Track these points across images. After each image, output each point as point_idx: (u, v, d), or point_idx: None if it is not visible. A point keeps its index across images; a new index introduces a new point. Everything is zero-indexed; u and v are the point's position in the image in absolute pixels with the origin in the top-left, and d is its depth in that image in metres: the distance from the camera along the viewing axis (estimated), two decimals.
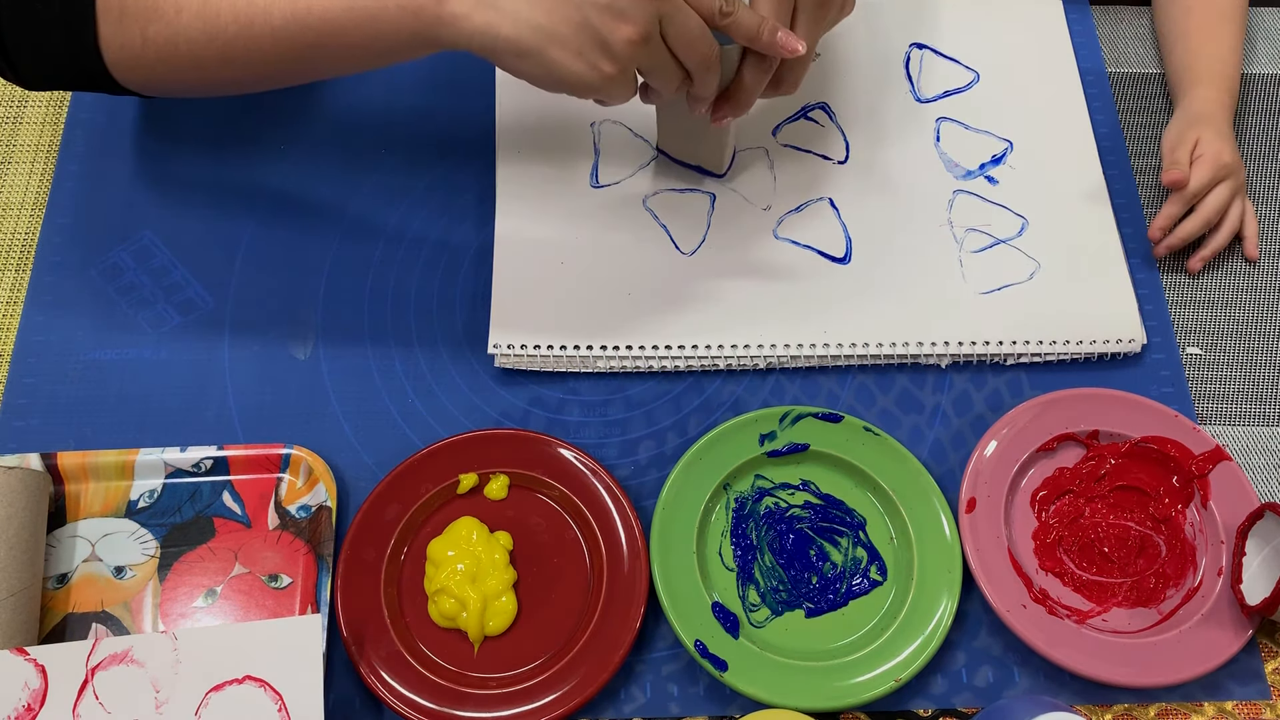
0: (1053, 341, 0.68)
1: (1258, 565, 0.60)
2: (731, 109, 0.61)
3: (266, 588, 0.60)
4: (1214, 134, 0.71)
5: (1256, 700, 0.60)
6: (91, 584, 0.60)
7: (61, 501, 0.62)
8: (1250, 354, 0.71)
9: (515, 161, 0.72)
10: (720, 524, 0.63)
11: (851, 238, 0.71)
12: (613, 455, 0.65)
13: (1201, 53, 0.75)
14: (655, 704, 0.59)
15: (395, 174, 0.73)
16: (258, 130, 0.74)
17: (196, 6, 0.56)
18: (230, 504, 0.62)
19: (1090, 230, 0.72)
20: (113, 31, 0.57)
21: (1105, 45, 0.82)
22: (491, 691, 0.57)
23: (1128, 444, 0.65)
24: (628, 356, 0.67)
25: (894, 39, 0.79)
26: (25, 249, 0.71)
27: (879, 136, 0.75)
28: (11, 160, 0.74)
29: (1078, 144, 0.75)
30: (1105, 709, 0.60)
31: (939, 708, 0.59)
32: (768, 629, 0.60)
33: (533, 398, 0.67)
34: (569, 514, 0.62)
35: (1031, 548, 0.62)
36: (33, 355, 0.67)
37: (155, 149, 0.74)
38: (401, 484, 0.62)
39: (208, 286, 0.69)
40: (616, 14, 0.52)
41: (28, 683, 0.52)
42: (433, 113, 0.76)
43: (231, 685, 0.53)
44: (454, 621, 0.59)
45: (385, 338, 0.68)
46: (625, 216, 0.71)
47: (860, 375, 0.68)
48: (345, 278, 0.70)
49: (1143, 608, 0.61)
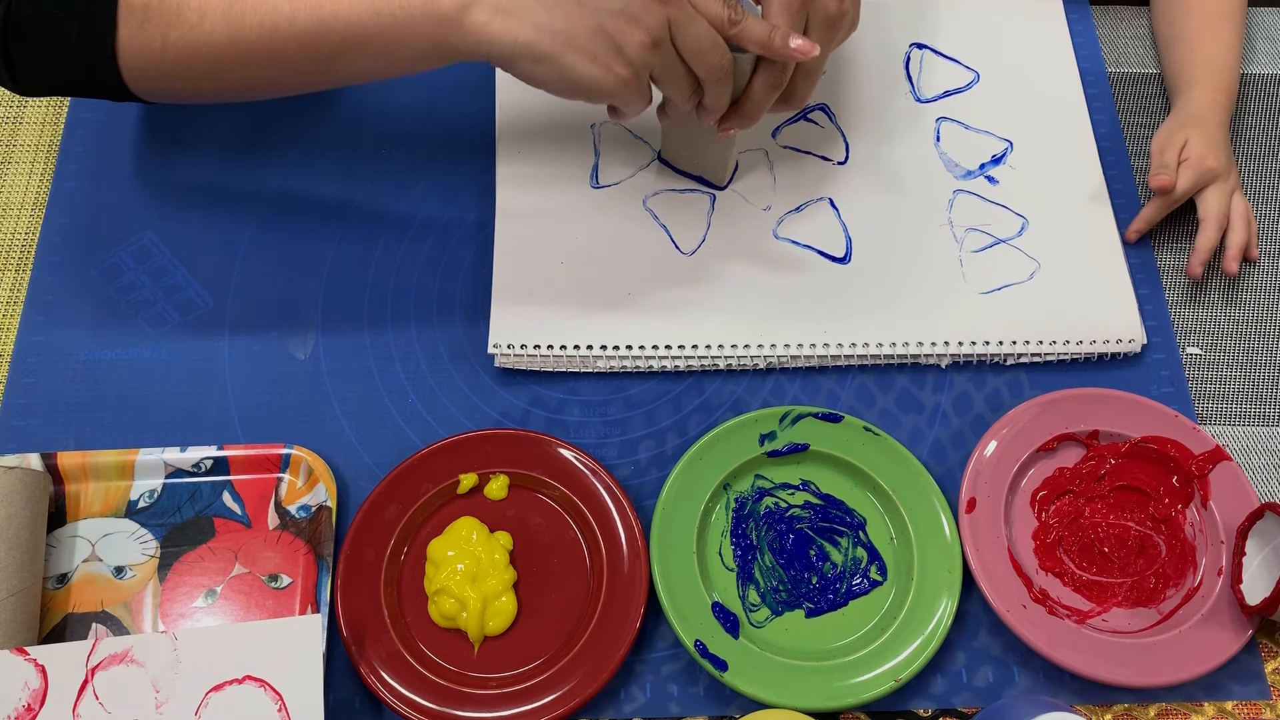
0: (1053, 341, 0.68)
1: (1258, 565, 0.60)
2: (739, 121, 0.62)
3: (266, 588, 0.60)
4: (1202, 137, 0.71)
5: (1256, 700, 0.60)
6: (91, 584, 0.60)
7: (61, 501, 0.62)
8: (1250, 354, 0.71)
9: (515, 161, 0.72)
10: (720, 524, 0.63)
11: (851, 238, 0.71)
12: (613, 455, 0.65)
13: (1199, 53, 0.75)
14: (655, 704, 0.59)
15: (395, 174, 0.73)
16: (258, 131, 0.74)
17: (221, 11, 0.56)
18: (230, 504, 0.62)
19: (1090, 230, 0.72)
20: (132, 35, 0.56)
21: (1105, 45, 0.82)
22: (491, 691, 0.57)
23: (1128, 444, 0.65)
24: (628, 356, 0.67)
25: (894, 39, 0.79)
26: (25, 249, 0.71)
27: (879, 136, 0.75)
28: (11, 160, 0.74)
29: (1078, 144, 0.75)
30: (1105, 709, 0.60)
31: (939, 708, 0.59)
32: (768, 629, 0.60)
33: (533, 398, 0.67)
34: (569, 514, 0.62)
35: (1031, 548, 0.62)
36: (33, 355, 0.67)
37: (155, 149, 0.74)
38: (401, 484, 0.62)
39: (208, 286, 0.69)
40: (629, 19, 0.54)
41: (28, 683, 0.52)
42: (433, 113, 0.76)
43: (231, 685, 0.53)
44: (454, 621, 0.59)
45: (385, 338, 0.68)
46: (625, 216, 0.71)
47: (860, 375, 0.68)
48: (345, 277, 0.70)
49: (1143, 608, 0.61)
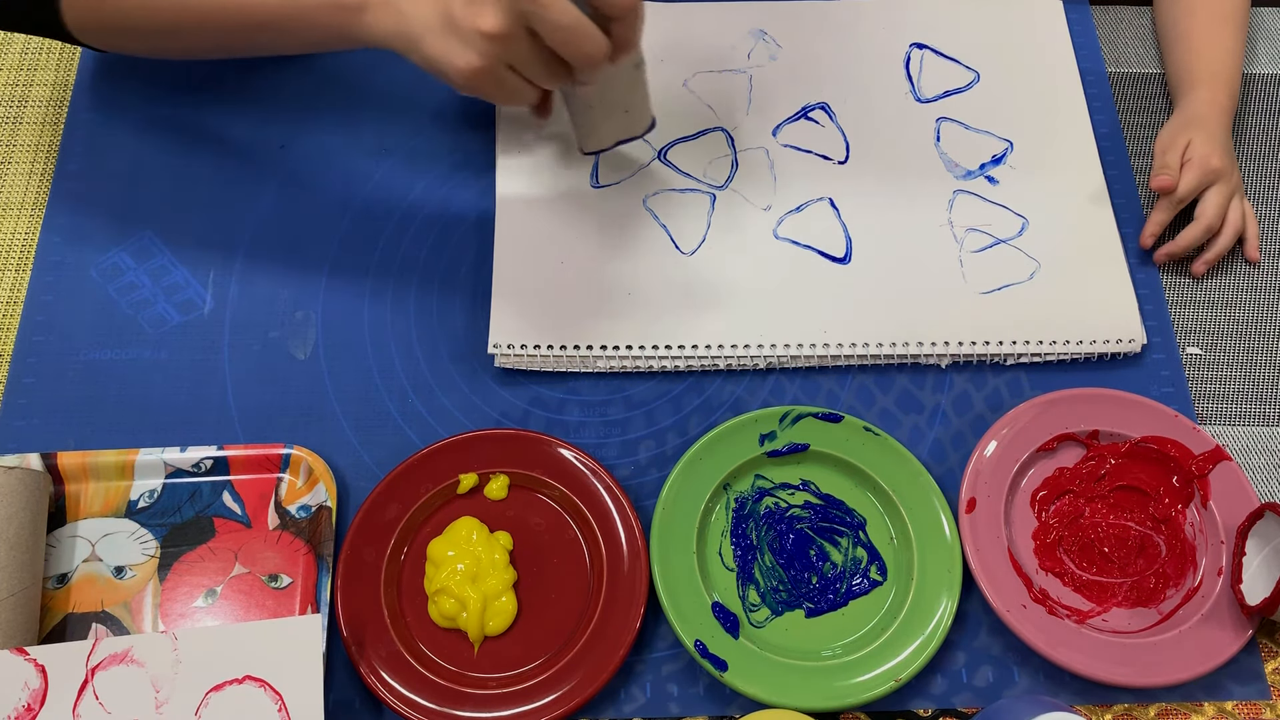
0: (1053, 341, 0.68)
1: (1258, 565, 0.60)
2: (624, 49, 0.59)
3: (266, 588, 0.60)
4: (1205, 137, 0.71)
5: (1256, 700, 0.60)
6: (91, 584, 0.60)
7: (61, 501, 0.62)
8: (1250, 354, 0.71)
9: (516, 161, 0.72)
10: (720, 524, 0.63)
11: (851, 238, 0.71)
12: (613, 455, 0.65)
13: (1202, 54, 0.75)
14: (655, 704, 0.59)
15: (395, 174, 0.73)
16: (258, 130, 0.74)
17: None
18: (230, 504, 0.62)
19: (1090, 230, 0.72)
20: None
21: (1105, 45, 0.82)
22: (491, 691, 0.57)
23: (1128, 444, 0.65)
24: (628, 356, 0.67)
25: (894, 39, 0.79)
26: (25, 249, 0.71)
27: (879, 136, 0.75)
28: (11, 160, 0.74)
29: (1078, 144, 0.75)
30: (1105, 709, 0.60)
31: (939, 708, 0.59)
32: (768, 629, 0.60)
33: (533, 398, 0.67)
34: (569, 514, 0.62)
35: (1031, 548, 0.62)
36: (33, 355, 0.67)
37: (155, 149, 0.74)
38: (401, 484, 0.62)
39: (208, 286, 0.69)
40: (475, 5, 0.54)
41: (28, 683, 0.52)
42: (433, 112, 0.76)
43: (231, 685, 0.53)
44: (454, 621, 0.59)
45: (385, 338, 0.68)
46: (625, 216, 0.71)
47: (860, 375, 0.68)
48: (345, 277, 0.70)
49: (1143, 608, 0.61)
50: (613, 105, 0.65)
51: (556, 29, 0.53)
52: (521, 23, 0.54)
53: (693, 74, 0.76)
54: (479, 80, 0.56)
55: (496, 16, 0.53)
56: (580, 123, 0.66)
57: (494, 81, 0.56)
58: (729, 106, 0.75)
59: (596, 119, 0.66)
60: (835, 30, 0.79)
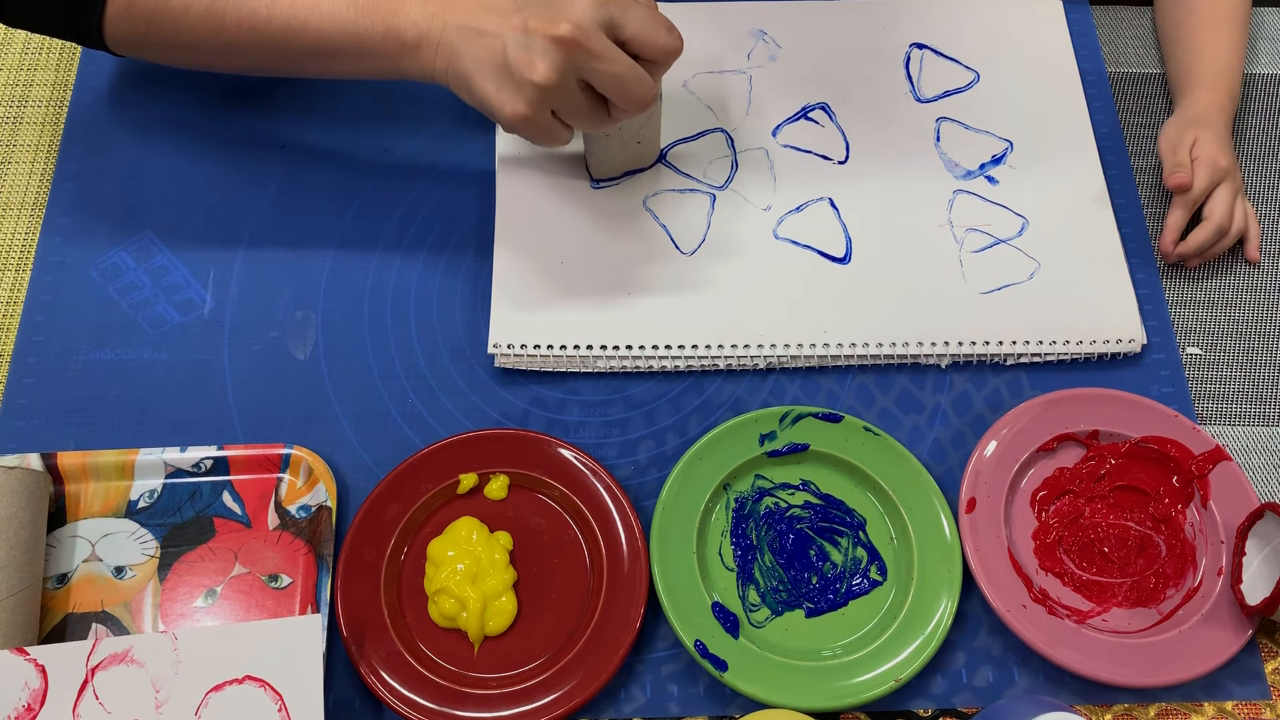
0: (1053, 341, 0.68)
1: (1258, 565, 0.60)
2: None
3: (266, 588, 0.60)
4: (1210, 136, 0.71)
5: (1256, 700, 0.60)
6: (91, 584, 0.60)
7: (61, 501, 0.62)
8: (1250, 354, 0.71)
9: (516, 161, 0.72)
10: (720, 524, 0.63)
11: (851, 238, 0.71)
12: (613, 455, 0.65)
13: (1203, 54, 0.75)
14: (655, 704, 0.59)
15: (395, 173, 0.73)
16: (258, 130, 0.74)
17: (204, 5, 0.60)
18: (230, 504, 0.62)
19: (1090, 230, 0.72)
20: (119, 15, 0.62)
21: (1105, 45, 0.82)
22: (491, 691, 0.57)
23: (1128, 444, 0.65)
24: (628, 356, 0.67)
25: (894, 39, 0.79)
26: (25, 249, 0.71)
27: (879, 136, 0.75)
28: (11, 160, 0.74)
29: (1078, 144, 0.75)
30: (1105, 709, 0.60)
31: (939, 708, 0.59)
32: (768, 629, 0.60)
33: (533, 398, 0.67)
34: (569, 514, 0.62)
35: (1031, 548, 0.62)
36: (33, 355, 0.67)
37: (155, 149, 0.74)
38: (401, 484, 0.62)
39: (208, 286, 0.69)
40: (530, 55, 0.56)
41: (28, 683, 0.52)
42: (433, 112, 0.76)
43: (231, 685, 0.53)
44: (454, 621, 0.59)
45: (385, 338, 0.68)
46: (625, 216, 0.71)
47: (860, 375, 0.68)
48: (345, 277, 0.70)
49: (1143, 608, 0.61)
50: (629, 138, 0.68)
51: (612, 78, 0.57)
52: (574, 75, 0.57)
53: (692, 74, 0.76)
54: (525, 126, 0.59)
55: (550, 68, 0.56)
56: (595, 151, 0.69)
57: (538, 128, 0.59)
58: (729, 107, 0.75)
59: (613, 150, 0.68)
60: (835, 30, 0.79)
